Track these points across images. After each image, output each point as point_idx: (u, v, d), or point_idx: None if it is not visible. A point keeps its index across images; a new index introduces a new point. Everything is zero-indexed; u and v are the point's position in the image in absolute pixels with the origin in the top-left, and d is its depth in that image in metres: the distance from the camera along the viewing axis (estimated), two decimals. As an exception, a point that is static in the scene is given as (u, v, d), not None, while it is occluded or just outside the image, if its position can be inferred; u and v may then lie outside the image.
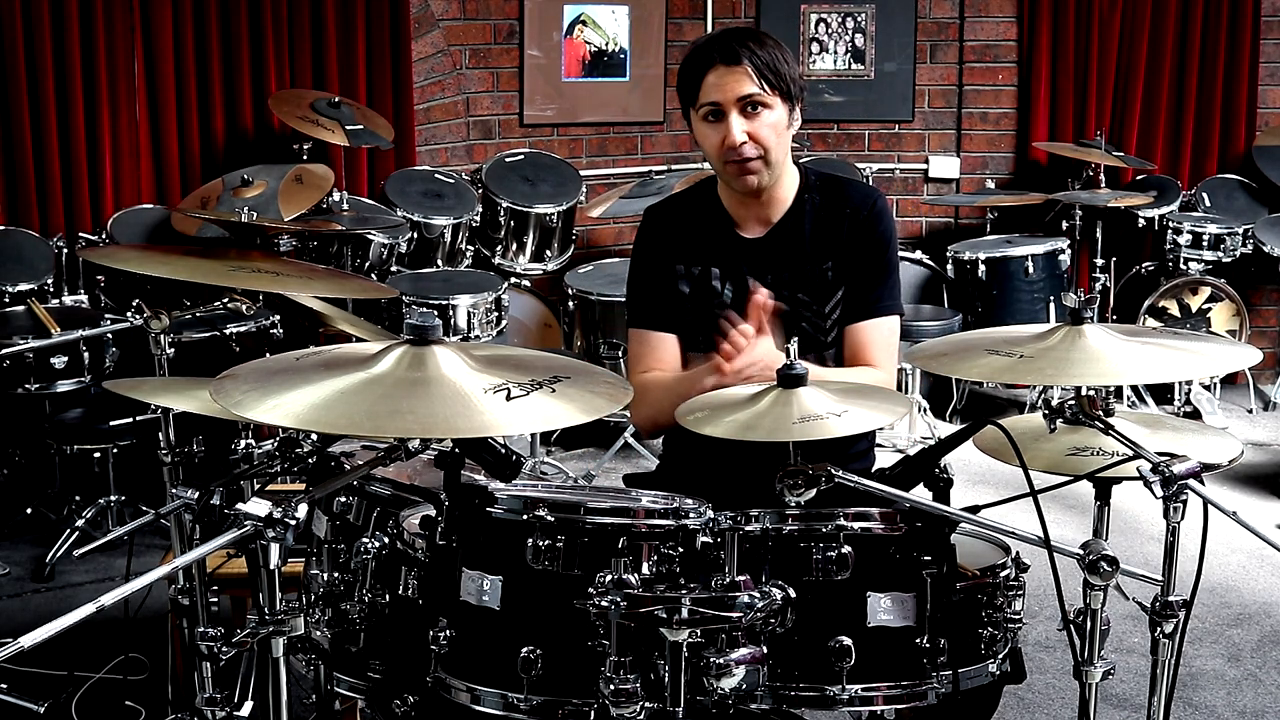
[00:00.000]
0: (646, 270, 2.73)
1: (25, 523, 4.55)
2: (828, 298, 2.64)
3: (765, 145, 2.55)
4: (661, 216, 2.77)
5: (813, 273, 2.63)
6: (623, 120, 6.41)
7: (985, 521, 2.05)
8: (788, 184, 2.67)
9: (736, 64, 2.52)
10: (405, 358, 1.93)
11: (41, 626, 1.65)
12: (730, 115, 2.53)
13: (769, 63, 2.54)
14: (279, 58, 5.20)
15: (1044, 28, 6.24)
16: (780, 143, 2.58)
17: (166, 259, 2.86)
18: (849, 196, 2.68)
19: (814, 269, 2.63)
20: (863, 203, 2.66)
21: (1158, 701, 2.03)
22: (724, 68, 2.53)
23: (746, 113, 2.54)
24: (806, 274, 2.63)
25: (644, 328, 2.72)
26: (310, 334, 4.48)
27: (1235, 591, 4.14)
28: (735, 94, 2.53)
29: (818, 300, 2.63)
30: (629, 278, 2.78)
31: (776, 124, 2.56)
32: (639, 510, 1.97)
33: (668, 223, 2.74)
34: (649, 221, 2.78)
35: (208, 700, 2.23)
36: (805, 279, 2.63)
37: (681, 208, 2.77)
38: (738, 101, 2.53)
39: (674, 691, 1.85)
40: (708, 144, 2.59)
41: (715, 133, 2.56)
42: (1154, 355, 2.10)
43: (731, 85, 2.53)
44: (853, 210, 2.65)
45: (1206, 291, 5.88)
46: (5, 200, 4.70)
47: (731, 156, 2.55)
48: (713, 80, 2.54)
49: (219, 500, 2.10)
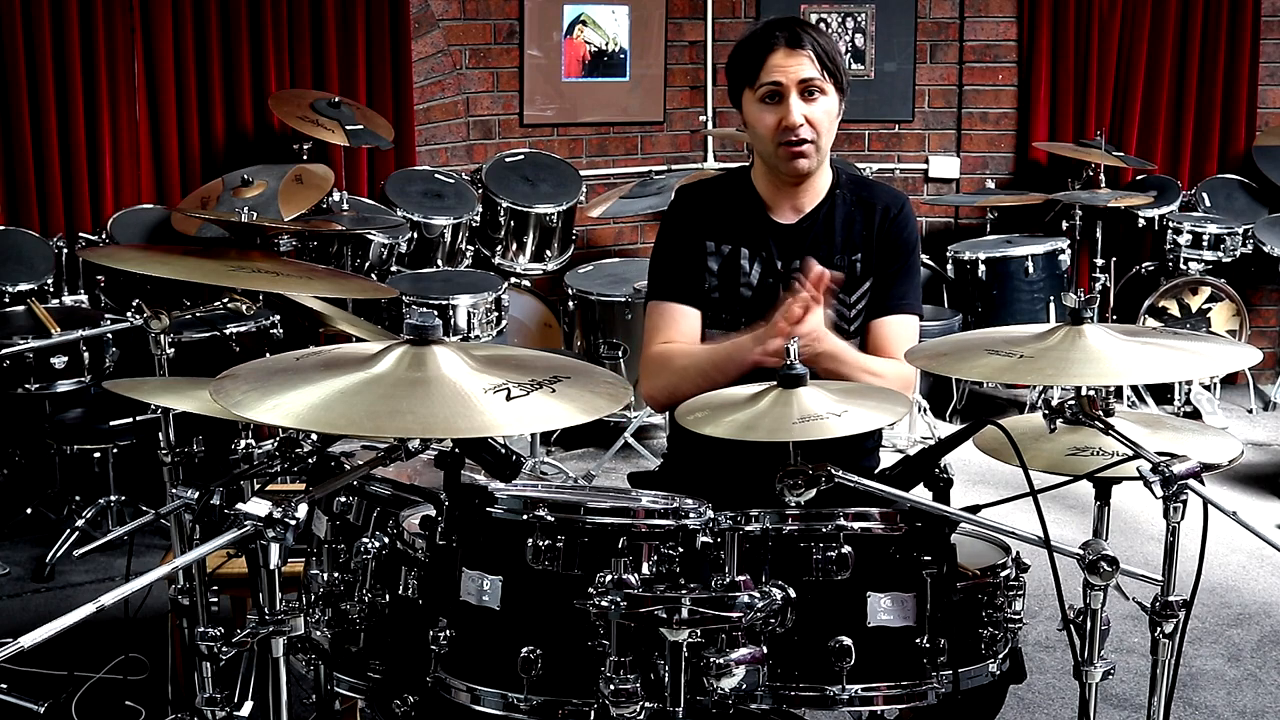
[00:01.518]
0: (674, 244, 2.74)
1: (25, 523, 4.55)
2: (854, 288, 2.67)
3: (819, 131, 2.60)
4: (694, 195, 2.79)
5: (841, 264, 2.66)
6: (623, 120, 6.41)
7: (985, 521, 2.05)
8: (824, 176, 2.71)
9: (800, 48, 2.57)
10: (405, 358, 1.93)
11: (41, 626, 1.65)
12: (790, 97, 2.57)
13: (829, 51, 2.60)
14: (279, 58, 5.20)
15: (1044, 28, 6.24)
16: (831, 130, 2.63)
17: (166, 259, 2.86)
18: (879, 197, 2.74)
19: (843, 260, 2.67)
20: (893, 204, 2.73)
21: (1158, 701, 2.03)
22: (788, 50, 2.57)
23: (805, 97, 2.58)
24: (835, 264, 2.65)
25: (666, 300, 2.71)
26: (310, 334, 4.48)
27: (1235, 591, 4.14)
28: (797, 76, 2.57)
29: (845, 289, 2.66)
30: (653, 252, 2.80)
31: (830, 111, 2.61)
32: (639, 510, 1.97)
33: (700, 201, 2.76)
34: (681, 198, 2.80)
35: (208, 700, 2.23)
36: (834, 269, 2.64)
37: (715, 189, 2.80)
38: (799, 84, 2.57)
39: (674, 691, 1.86)
40: (762, 125, 2.61)
41: (773, 114, 2.59)
42: (1154, 355, 2.10)
43: (794, 68, 2.57)
44: (883, 210, 2.71)
45: (1206, 291, 5.88)
46: (5, 200, 4.70)
47: (788, 138, 2.58)
48: (776, 61, 2.58)
49: (219, 500, 2.11)
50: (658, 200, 5.53)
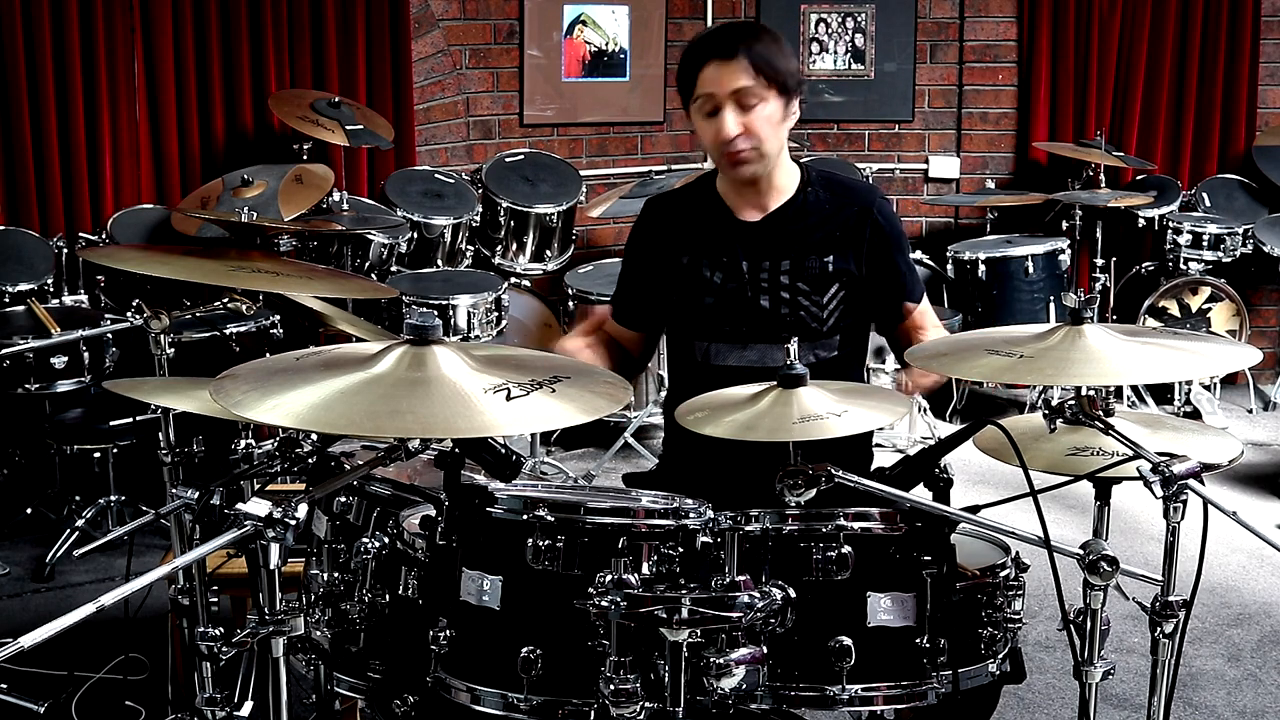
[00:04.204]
0: (631, 262, 2.82)
1: (25, 523, 4.55)
2: (825, 289, 2.66)
3: (760, 138, 2.58)
4: (658, 209, 2.82)
5: (813, 264, 2.65)
6: (623, 120, 6.41)
7: (985, 521, 2.05)
8: (786, 175, 2.70)
9: (731, 58, 2.55)
10: (405, 358, 1.93)
11: (41, 626, 1.65)
12: (725, 109, 2.56)
13: (764, 56, 2.56)
14: (279, 58, 5.20)
15: (1044, 28, 6.24)
16: (775, 135, 2.61)
17: (166, 259, 2.85)
18: (854, 194, 2.72)
19: (815, 261, 2.65)
20: (867, 200, 2.70)
21: (1158, 701, 2.03)
22: (719, 62, 2.56)
23: (741, 106, 2.56)
24: (806, 265, 2.65)
25: (615, 319, 2.85)
26: (310, 334, 4.48)
27: (1235, 591, 4.14)
28: (729, 88, 2.55)
29: (817, 291, 2.65)
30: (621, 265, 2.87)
31: (771, 117, 2.58)
32: (639, 510, 1.97)
33: (664, 214, 2.79)
34: (645, 213, 2.83)
35: (208, 700, 2.23)
36: (804, 270, 2.65)
37: (679, 200, 2.82)
38: (732, 95, 2.55)
39: (674, 691, 1.86)
40: (705, 137, 2.63)
41: (711, 126, 2.59)
42: (1154, 355, 2.10)
43: (726, 79, 2.55)
44: (860, 209, 2.68)
45: (1206, 291, 5.88)
46: (5, 200, 4.70)
47: (726, 149, 2.58)
48: (708, 74, 2.57)
49: (219, 500, 2.11)
50: (656, 196, 5.52)
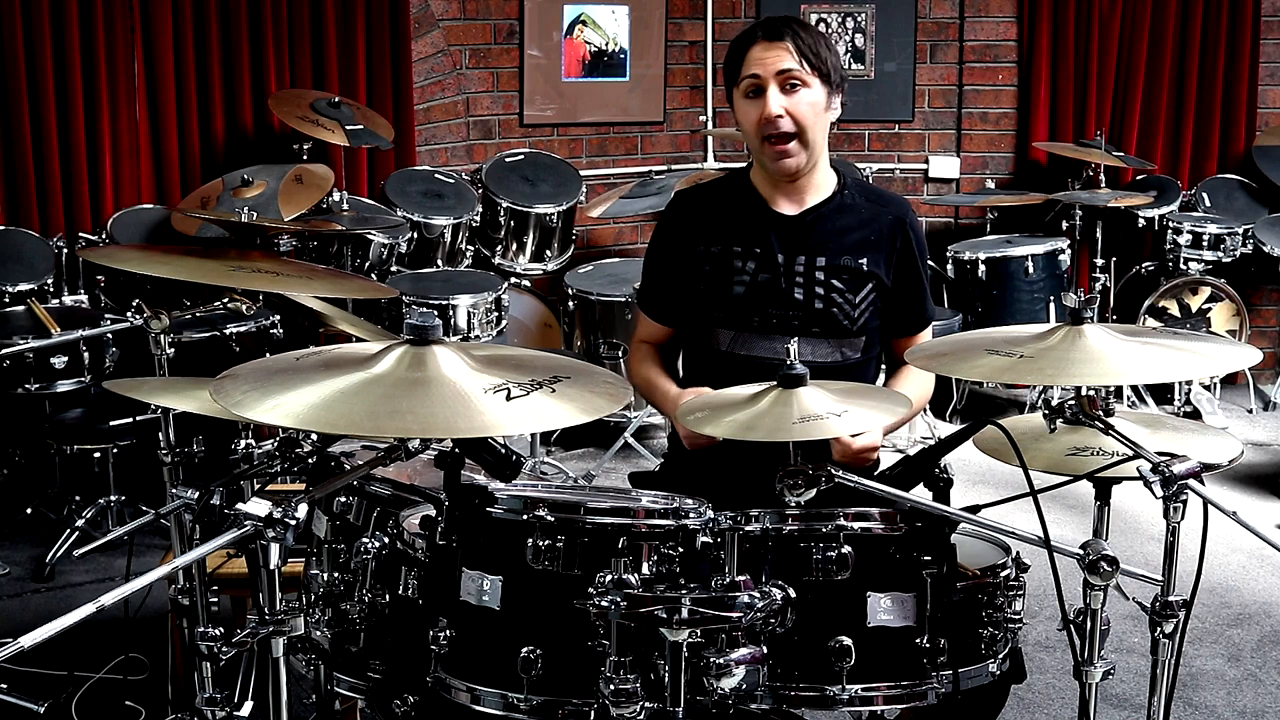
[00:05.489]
0: (659, 253, 2.79)
1: (25, 523, 4.55)
2: (859, 288, 2.66)
3: (802, 123, 2.59)
4: (689, 200, 2.80)
5: (848, 263, 2.66)
6: (623, 120, 6.41)
7: (985, 521, 2.05)
8: (825, 175, 2.71)
9: (779, 40, 2.58)
10: (405, 358, 1.93)
11: (41, 626, 1.65)
12: (769, 89, 2.58)
13: (810, 43, 2.60)
14: (279, 58, 5.20)
15: (1044, 28, 6.23)
16: (817, 123, 2.62)
17: (166, 259, 2.85)
18: (890, 203, 2.75)
19: (851, 260, 2.66)
20: (901, 212, 2.73)
21: (1158, 701, 2.03)
22: (766, 43, 2.59)
23: (785, 89, 2.58)
24: (841, 263, 2.65)
25: (641, 307, 2.84)
26: (310, 334, 4.47)
27: (1235, 591, 4.14)
28: (775, 68, 2.58)
29: (851, 289, 2.66)
30: (646, 253, 2.85)
31: (814, 103, 2.60)
32: (639, 510, 1.97)
33: (695, 205, 2.77)
34: (674, 204, 2.82)
35: (208, 700, 2.23)
36: (840, 268, 2.65)
37: (712, 192, 2.80)
38: (777, 76, 2.58)
39: (674, 691, 1.86)
40: (747, 121, 2.63)
41: (754, 108, 2.60)
42: (1154, 355, 2.10)
43: (772, 60, 2.58)
44: (895, 219, 2.70)
45: (1206, 291, 5.88)
46: (5, 200, 4.70)
47: (768, 130, 2.59)
48: (754, 55, 2.60)
49: (219, 500, 2.11)
50: (658, 200, 5.53)
